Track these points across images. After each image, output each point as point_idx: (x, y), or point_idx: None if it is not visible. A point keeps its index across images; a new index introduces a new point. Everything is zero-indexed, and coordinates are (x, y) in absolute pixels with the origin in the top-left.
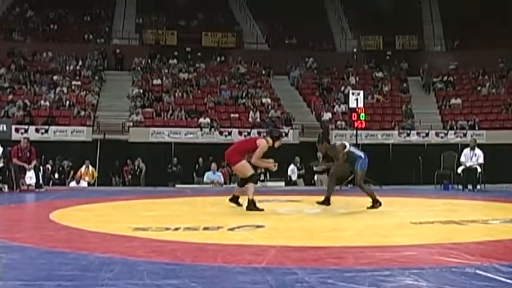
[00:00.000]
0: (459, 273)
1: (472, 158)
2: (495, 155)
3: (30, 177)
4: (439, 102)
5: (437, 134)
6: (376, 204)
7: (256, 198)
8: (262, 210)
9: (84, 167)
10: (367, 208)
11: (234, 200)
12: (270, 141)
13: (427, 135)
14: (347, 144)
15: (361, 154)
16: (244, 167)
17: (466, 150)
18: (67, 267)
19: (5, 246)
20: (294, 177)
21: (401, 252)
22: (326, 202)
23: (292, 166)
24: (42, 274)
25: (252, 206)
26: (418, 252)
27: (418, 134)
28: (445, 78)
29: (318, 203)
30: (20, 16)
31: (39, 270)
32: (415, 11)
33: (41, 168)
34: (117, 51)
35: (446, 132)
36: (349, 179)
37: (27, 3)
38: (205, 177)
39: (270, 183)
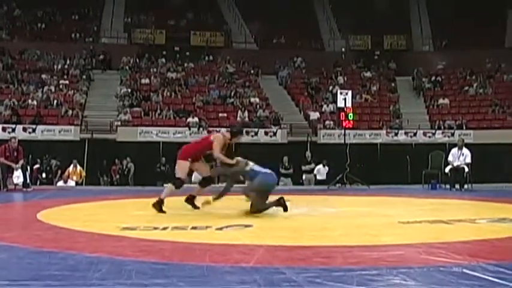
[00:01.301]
0: (447, 272)
1: (460, 158)
2: (482, 155)
3: (17, 177)
4: (427, 102)
5: (425, 134)
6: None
7: (245, 197)
8: (164, 212)
9: (72, 166)
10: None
11: (190, 200)
12: (228, 135)
13: (414, 134)
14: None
15: (266, 171)
16: (180, 166)
17: (454, 150)
18: (55, 267)
19: None
20: (321, 177)
21: (389, 252)
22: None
23: (320, 166)
24: (29, 274)
25: (157, 204)
26: (406, 252)
27: (406, 133)
28: (433, 78)
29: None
30: (7, 15)
31: (26, 270)
32: (403, 11)
33: (28, 167)
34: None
35: (434, 132)
36: (338, 178)
37: (15, 1)
38: (193, 176)
39: None
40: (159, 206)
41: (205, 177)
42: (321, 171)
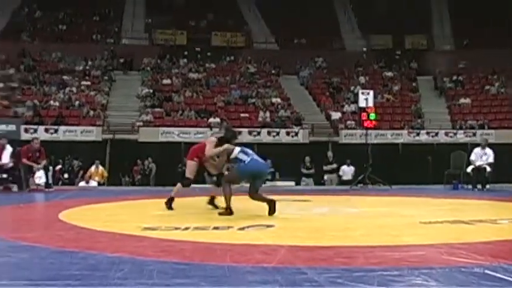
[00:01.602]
0: (468, 273)
1: (482, 157)
2: (504, 155)
3: (39, 177)
4: (449, 101)
5: (446, 134)
6: (226, 211)
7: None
8: (172, 209)
9: (93, 166)
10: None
11: (211, 201)
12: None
13: (436, 134)
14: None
15: (247, 159)
16: (188, 167)
17: (477, 149)
18: (76, 267)
19: (15, 246)
20: (346, 177)
21: (410, 252)
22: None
23: (344, 166)
24: (51, 274)
25: (169, 202)
26: (427, 252)
27: (427, 133)
28: (455, 77)
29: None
30: (28, 17)
31: (48, 269)
32: (424, 10)
33: (50, 168)
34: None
35: (455, 131)
36: (359, 178)
37: (36, 3)
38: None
39: (279, 183)
40: (169, 204)
41: (217, 175)
42: (346, 171)
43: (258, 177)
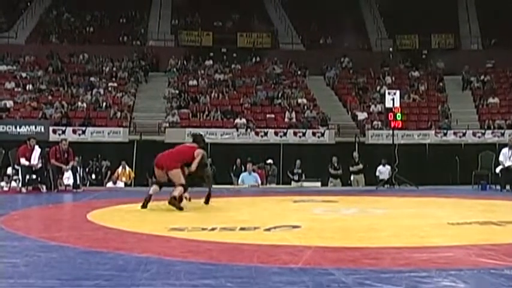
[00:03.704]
0: (498, 275)
1: (511, 158)
2: None
3: (68, 178)
4: (476, 101)
5: (474, 134)
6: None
7: (293, 198)
8: (182, 209)
9: (120, 167)
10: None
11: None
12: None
13: (464, 135)
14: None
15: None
16: (177, 175)
17: (505, 150)
18: (104, 267)
19: (44, 246)
20: (383, 177)
21: (438, 253)
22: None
23: (380, 166)
24: (80, 273)
25: (174, 201)
26: (455, 253)
27: (455, 133)
28: (482, 77)
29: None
30: (56, 19)
31: (77, 269)
32: (451, 9)
33: (79, 168)
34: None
35: (483, 131)
36: (386, 179)
37: (64, 6)
38: (240, 178)
39: (306, 184)
40: (177, 202)
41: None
42: (382, 170)
43: None
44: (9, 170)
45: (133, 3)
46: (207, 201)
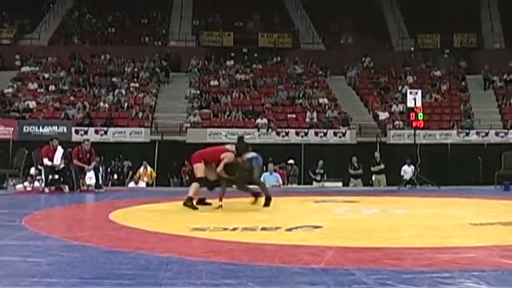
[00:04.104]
0: None
1: None
2: None
3: (90, 178)
4: (499, 100)
5: (497, 134)
6: (255, 200)
7: (314, 198)
8: (196, 209)
9: (142, 167)
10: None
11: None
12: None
13: (486, 134)
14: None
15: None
16: (197, 169)
17: None
18: (126, 266)
19: (66, 245)
20: (407, 177)
21: (461, 254)
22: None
23: (405, 166)
24: (102, 272)
25: (189, 202)
26: (478, 254)
27: (477, 133)
28: (505, 76)
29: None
30: (78, 20)
31: (99, 268)
32: (473, 8)
33: (101, 168)
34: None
35: (506, 131)
36: (408, 179)
37: (86, 7)
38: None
39: (327, 184)
40: (191, 203)
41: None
42: (407, 170)
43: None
44: (33, 170)
45: (155, 4)
46: (267, 204)
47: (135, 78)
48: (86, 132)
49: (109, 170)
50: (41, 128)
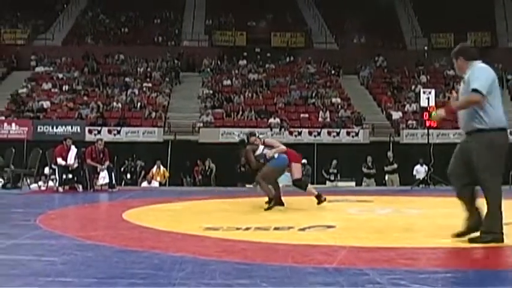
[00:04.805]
0: None
1: None
2: None
3: (103, 178)
4: None
5: (511, 133)
6: (271, 203)
7: (327, 197)
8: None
9: (155, 167)
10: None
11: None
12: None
13: None
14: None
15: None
16: (298, 169)
17: None
18: (140, 266)
19: (80, 245)
20: (419, 176)
21: (474, 254)
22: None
23: (418, 166)
24: (115, 272)
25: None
26: (492, 254)
27: None
28: None
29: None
30: (92, 20)
31: (112, 268)
32: (487, 7)
33: (114, 168)
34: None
35: None
36: (421, 179)
37: (99, 7)
38: None
39: (340, 183)
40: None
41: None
42: (419, 170)
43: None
44: (46, 170)
45: (168, 4)
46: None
47: (148, 78)
48: (99, 132)
49: (122, 169)
50: (55, 127)
